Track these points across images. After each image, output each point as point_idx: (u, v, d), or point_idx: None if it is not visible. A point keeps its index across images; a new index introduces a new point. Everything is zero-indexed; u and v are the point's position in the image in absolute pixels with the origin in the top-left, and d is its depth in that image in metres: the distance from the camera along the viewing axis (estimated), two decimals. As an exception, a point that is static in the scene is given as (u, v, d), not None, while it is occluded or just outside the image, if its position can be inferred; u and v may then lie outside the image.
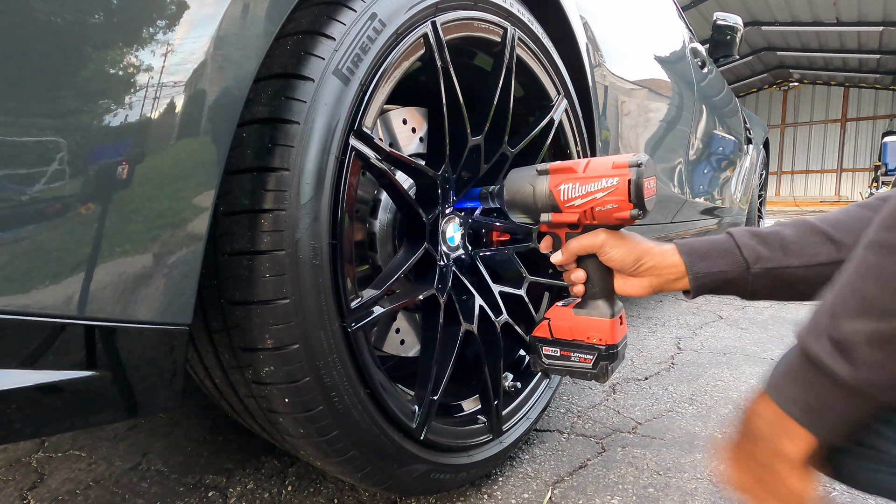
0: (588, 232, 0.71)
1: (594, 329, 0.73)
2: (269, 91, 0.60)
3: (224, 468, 1.02)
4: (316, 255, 0.62)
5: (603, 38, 1.34)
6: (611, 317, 0.72)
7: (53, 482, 0.98)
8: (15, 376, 0.42)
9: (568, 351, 0.75)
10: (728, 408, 1.30)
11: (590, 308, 0.74)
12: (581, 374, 0.74)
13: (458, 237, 0.93)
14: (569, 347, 0.75)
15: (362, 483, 0.77)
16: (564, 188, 0.70)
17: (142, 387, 0.50)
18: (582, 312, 0.74)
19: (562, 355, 0.76)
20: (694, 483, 0.96)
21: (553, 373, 0.78)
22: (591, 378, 0.74)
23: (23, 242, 0.40)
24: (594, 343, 0.73)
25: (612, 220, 0.69)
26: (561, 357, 0.76)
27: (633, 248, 0.68)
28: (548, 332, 0.76)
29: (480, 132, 0.90)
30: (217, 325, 0.63)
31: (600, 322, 0.72)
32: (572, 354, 0.75)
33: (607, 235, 0.69)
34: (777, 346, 1.84)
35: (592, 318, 0.73)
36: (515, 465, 1.03)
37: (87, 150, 0.42)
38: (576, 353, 0.74)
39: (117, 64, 0.44)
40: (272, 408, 0.64)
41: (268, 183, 0.59)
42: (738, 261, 0.64)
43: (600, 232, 0.70)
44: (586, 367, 0.73)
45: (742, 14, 10.99)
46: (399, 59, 0.72)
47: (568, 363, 0.75)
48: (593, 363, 0.73)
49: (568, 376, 0.77)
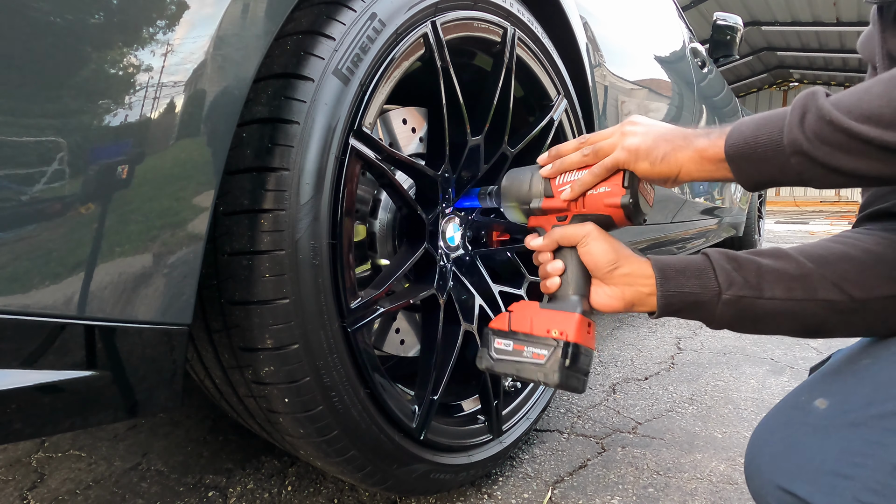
0: (575, 223, 0.67)
1: (558, 322, 0.64)
2: (269, 91, 0.60)
3: (224, 468, 1.02)
4: (316, 255, 0.62)
5: (603, 38, 1.34)
6: (581, 313, 0.64)
7: (53, 482, 0.98)
8: (15, 376, 0.42)
9: (522, 345, 0.66)
10: (728, 408, 1.30)
11: (560, 302, 0.66)
12: (529, 371, 0.64)
13: (457, 237, 0.93)
14: (524, 341, 0.66)
15: (362, 483, 0.77)
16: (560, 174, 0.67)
17: (142, 387, 0.50)
18: (549, 306, 0.67)
19: (514, 349, 0.66)
20: (694, 483, 0.96)
21: (498, 371, 0.68)
22: (539, 378, 0.63)
23: (23, 242, 0.40)
24: (553, 336, 0.64)
25: (602, 208, 0.64)
26: (513, 352, 0.66)
27: (614, 248, 0.65)
28: (506, 324, 0.68)
29: (480, 132, 0.90)
30: (217, 325, 0.63)
31: (567, 316, 0.64)
32: (525, 349, 0.65)
33: (593, 227, 0.66)
34: (777, 346, 1.84)
35: (559, 312, 0.65)
36: (515, 465, 1.03)
37: (87, 150, 0.42)
38: (530, 347, 0.65)
39: (117, 64, 0.44)
40: (272, 408, 0.65)
41: (268, 183, 0.59)
42: (711, 284, 0.61)
43: (588, 224, 0.66)
44: (537, 364, 0.64)
45: (742, 14, 10.99)
46: (399, 59, 0.72)
47: (518, 359, 0.65)
48: (546, 359, 0.63)
49: (512, 377, 0.68)
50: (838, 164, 0.48)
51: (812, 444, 0.53)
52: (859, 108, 0.46)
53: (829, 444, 0.51)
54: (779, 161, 0.51)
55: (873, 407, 0.50)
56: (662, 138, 0.60)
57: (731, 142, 0.54)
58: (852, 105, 0.47)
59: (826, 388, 0.57)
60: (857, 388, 0.53)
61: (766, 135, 0.52)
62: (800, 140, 0.49)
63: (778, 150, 0.51)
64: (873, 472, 0.47)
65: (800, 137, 0.49)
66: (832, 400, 0.54)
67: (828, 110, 0.47)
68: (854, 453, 0.49)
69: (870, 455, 0.48)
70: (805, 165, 0.50)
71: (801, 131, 0.49)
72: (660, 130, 0.61)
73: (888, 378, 0.52)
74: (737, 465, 1.03)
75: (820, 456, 0.51)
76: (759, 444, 0.59)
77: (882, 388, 0.51)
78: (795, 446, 0.54)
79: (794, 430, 0.55)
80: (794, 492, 0.51)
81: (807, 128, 0.49)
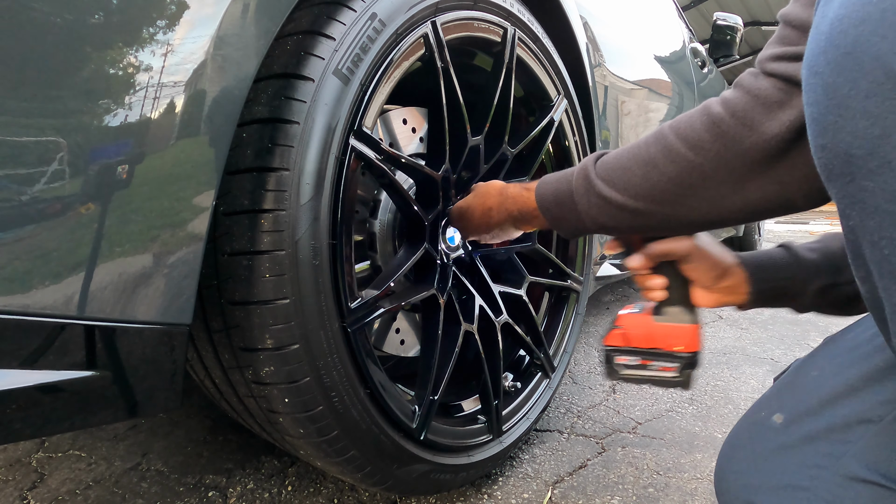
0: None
1: (678, 336, 0.69)
2: (269, 91, 0.60)
3: (224, 468, 1.02)
4: (316, 255, 0.62)
5: (603, 38, 1.34)
6: (694, 323, 0.69)
7: (53, 482, 0.98)
8: (15, 376, 0.42)
9: (648, 360, 0.71)
10: (728, 408, 1.30)
11: (670, 315, 0.70)
12: (660, 382, 0.71)
13: (457, 237, 0.93)
14: (649, 356, 0.71)
15: (362, 483, 0.77)
16: None
17: (142, 387, 0.50)
18: (662, 319, 0.70)
19: (640, 364, 0.72)
20: (694, 483, 0.96)
21: (632, 381, 0.74)
22: (673, 386, 0.70)
23: (23, 242, 0.40)
24: (677, 351, 0.69)
25: None
26: (639, 366, 0.72)
27: (717, 263, 0.67)
28: (622, 341, 0.73)
29: (480, 132, 0.90)
30: (217, 325, 0.63)
31: (684, 329, 0.69)
32: (652, 363, 0.71)
33: (691, 243, 0.67)
34: (777, 346, 1.84)
35: (675, 326, 0.69)
36: (515, 465, 1.03)
37: (87, 150, 0.42)
38: (656, 362, 0.70)
39: (117, 64, 0.44)
40: (272, 408, 0.64)
41: (268, 183, 0.59)
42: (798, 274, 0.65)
43: (685, 239, 0.67)
44: (670, 376, 0.70)
45: (742, 14, 10.97)
46: (399, 59, 0.72)
47: (646, 373, 0.71)
48: (679, 371, 0.69)
49: (648, 384, 0.74)
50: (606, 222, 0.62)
51: (773, 459, 0.56)
52: (625, 186, 0.58)
53: (788, 458, 0.54)
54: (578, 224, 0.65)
55: (823, 420, 0.53)
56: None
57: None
58: (620, 183, 0.59)
59: (782, 402, 0.60)
60: (806, 402, 0.56)
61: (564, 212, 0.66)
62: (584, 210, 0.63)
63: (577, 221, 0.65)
64: (827, 483, 0.50)
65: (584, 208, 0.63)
66: (787, 415, 0.57)
67: (599, 188, 0.60)
68: (810, 466, 0.52)
69: (824, 467, 0.51)
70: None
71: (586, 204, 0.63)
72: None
73: (832, 390, 0.54)
74: (737, 465, 1.03)
75: (780, 470, 0.54)
76: (726, 461, 0.62)
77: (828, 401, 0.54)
78: (758, 462, 0.57)
79: (755, 446, 0.58)
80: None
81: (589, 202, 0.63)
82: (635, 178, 0.57)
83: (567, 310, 1.20)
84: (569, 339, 1.19)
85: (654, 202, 0.56)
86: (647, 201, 0.57)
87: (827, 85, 0.36)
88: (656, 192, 0.55)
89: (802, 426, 0.54)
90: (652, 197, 0.56)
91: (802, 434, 0.54)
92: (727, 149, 0.50)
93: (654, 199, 0.56)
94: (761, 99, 0.48)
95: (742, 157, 0.50)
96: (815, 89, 0.37)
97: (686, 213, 0.56)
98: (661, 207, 0.56)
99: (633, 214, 0.59)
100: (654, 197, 0.56)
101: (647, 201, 0.57)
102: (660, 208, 0.56)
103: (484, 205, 0.79)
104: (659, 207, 0.56)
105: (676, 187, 0.54)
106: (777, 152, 0.48)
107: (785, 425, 0.56)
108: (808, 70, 0.38)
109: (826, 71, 0.36)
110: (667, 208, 0.56)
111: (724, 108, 0.50)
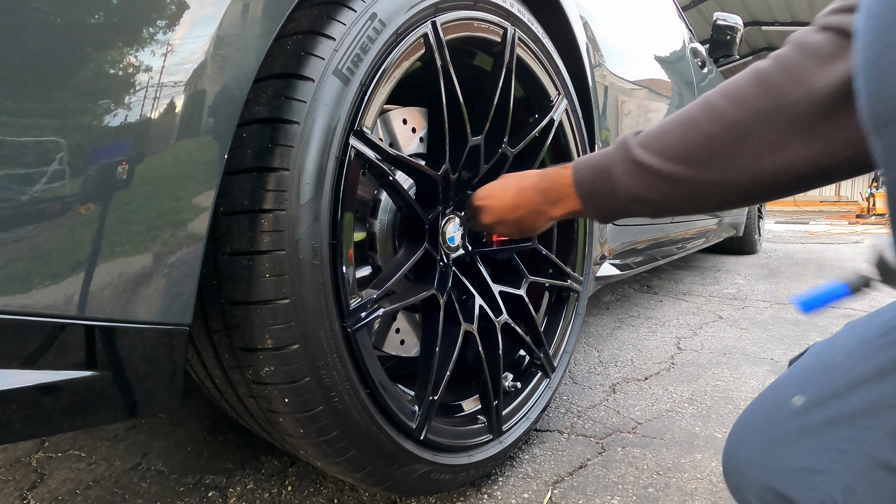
0: None
1: None
2: (269, 91, 0.60)
3: (224, 468, 1.02)
4: (316, 255, 0.62)
5: (603, 38, 1.34)
6: None
7: (53, 482, 0.98)
8: (15, 376, 0.42)
9: None
10: (728, 408, 1.30)
11: None
12: None
13: (458, 237, 0.93)
14: None
15: (362, 483, 0.77)
16: None
17: (142, 387, 0.50)
18: None
19: None
20: (694, 483, 0.96)
21: None
22: None
23: (23, 242, 0.40)
24: None
25: None
26: None
27: None
28: None
29: (480, 132, 0.90)
30: (217, 325, 0.63)
31: None
32: None
33: None
34: (777, 346, 1.84)
35: None
36: (515, 465, 1.03)
37: (87, 150, 0.42)
38: None
39: (117, 64, 0.44)
40: (272, 408, 0.65)
41: (268, 183, 0.59)
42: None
43: None
44: None
45: (742, 14, 10.98)
46: (399, 59, 0.72)
47: None
48: None
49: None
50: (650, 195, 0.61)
51: (790, 441, 0.54)
52: (663, 148, 0.58)
53: (807, 441, 0.53)
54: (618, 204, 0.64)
55: (848, 403, 0.52)
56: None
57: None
58: (657, 146, 0.58)
59: (802, 384, 0.58)
60: (831, 385, 0.55)
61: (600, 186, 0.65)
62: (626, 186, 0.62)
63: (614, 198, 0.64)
64: (848, 468, 0.49)
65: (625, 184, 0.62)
66: (808, 397, 0.56)
67: (635, 154, 0.60)
68: (831, 449, 0.51)
69: (846, 451, 0.50)
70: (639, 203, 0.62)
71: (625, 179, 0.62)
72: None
73: (861, 373, 0.53)
74: (737, 465, 1.03)
75: (797, 452, 0.53)
76: (738, 441, 0.61)
77: (855, 385, 0.52)
78: (773, 443, 0.56)
79: (771, 428, 0.57)
80: (773, 487, 0.53)
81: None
82: (673, 139, 0.57)
83: (567, 310, 1.20)
84: (569, 339, 1.19)
85: (689, 164, 0.55)
86: (682, 163, 0.56)
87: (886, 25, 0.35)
88: (693, 152, 0.55)
89: (825, 409, 0.53)
90: (688, 158, 0.55)
91: (825, 417, 0.53)
92: (772, 102, 0.49)
93: (689, 160, 0.55)
94: (812, 51, 0.47)
95: (787, 111, 0.49)
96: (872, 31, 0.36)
97: (720, 177, 0.54)
98: (695, 171, 0.55)
99: (667, 182, 0.58)
100: (690, 158, 0.55)
101: (683, 163, 0.56)
102: (694, 172, 0.56)
103: (520, 183, 0.78)
104: (693, 171, 0.56)
105: (715, 146, 0.53)
106: (824, 108, 0.47)
107: (805, 407, 0.55)
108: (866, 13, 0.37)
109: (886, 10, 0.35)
110: (702, 171, 0.55)
111: (773, 62, 0.50)
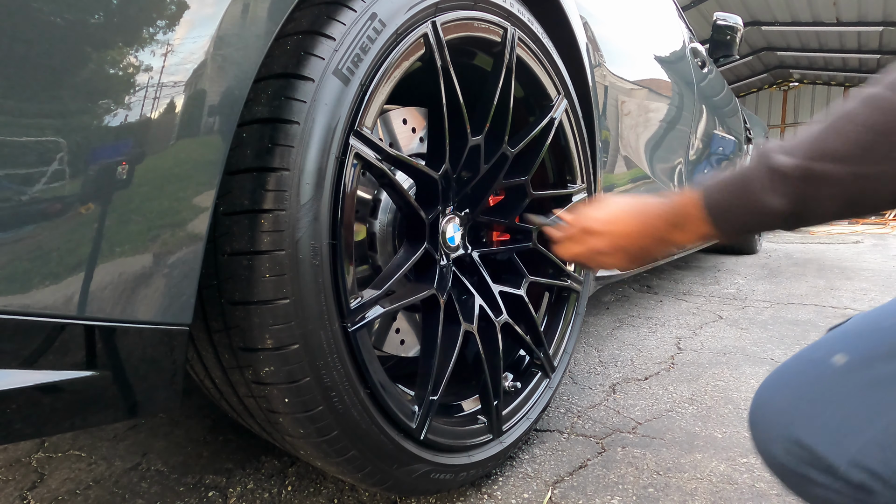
0: None
1: None
2: (269, 91, 0.60)
3: (224, 468, 1.02)
4: (316, 255, 0.62)
5: (603, 38, 1.34)
6: None
7: (53, 482, 0.98)
8: (15, 376, 0.42)
9: None
10: (728, 408, 1.30)
11: None
12: None
13: (458, 237, 0.93)
14: None
15: (362, 483, 0.77)
16: None
17: (142, 387, 0.50)
18: None
19: None
20: (694, 483, 0.96)
21: None
22: None
23: (23, 242, 0.40)
24: None
25: None
26: None
27: None
28: None
29: (480, 132, 0.90)
30: (217, 325, 0.63)
31: None
32: None
33: None
34: (777, 346, 1.84)
35: None
36: (515, 465, 1.03)
37: (87, 150, 0.42)
38: None
39: (117, 64, 0.44)
40: (272, 408, 0.64)
41: (268, 183, 0.59)
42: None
43: None
44: None
45: (742, 14, 10.98)
46: (399, 59, 0.72)
47: None
48: None
49: None
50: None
51: (826, 398, 0.53)
52: (808, 148, 0.50)
53: (844, 398, 0.52)
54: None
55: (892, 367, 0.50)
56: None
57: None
58: (802, 147, 0.51)
59: (845, 344, 0.57)
60: (878, 347, 0.53)
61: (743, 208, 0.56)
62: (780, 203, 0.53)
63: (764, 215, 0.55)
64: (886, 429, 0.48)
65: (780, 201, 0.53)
66: (851, 356, 0.54)
67: (775, 159, 0.51)
68: (869, 410, 0.50)
69: (884, 414, 0.49)
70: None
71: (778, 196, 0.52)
72: None
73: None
74: (737, 464, 1.03)
75: (833, 409, 0.52)
76: (769, 394, 0.59)
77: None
78: (808, 398, 0.55)
79: (808, 383, 0.56)
80: (801, 441, 0.52)
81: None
82: (821, 138, 0.50)
83: (567, 310, 1.20)
84: (569, 339, 1.19)
85: (845, 160, 0.49)
86: (836, 161, 0.49)
87: None
88: (846, 147, 0.49)
89: (869, 370, 0.52)
90: (844, 154, 0.49)
91: (868, 378, 0.52)
92: None
93: (846, 156, 0.49)
94: None
95: None
96: None
97: (884, 168, 0.48)
98: (853, 166, 0.48)
99: (815, 185, 0.50)
100: (847, 153, 0.49)
101: (838, 161, 0.49)
102: (852, 167, 0.48)
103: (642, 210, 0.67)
104: (851, 166, 0.49)
105: (876, 135, 0.47)
106: None
107: (847, 367, 0.54)
108: None
109: None
110: (862, 165, 0.48)
111: None
